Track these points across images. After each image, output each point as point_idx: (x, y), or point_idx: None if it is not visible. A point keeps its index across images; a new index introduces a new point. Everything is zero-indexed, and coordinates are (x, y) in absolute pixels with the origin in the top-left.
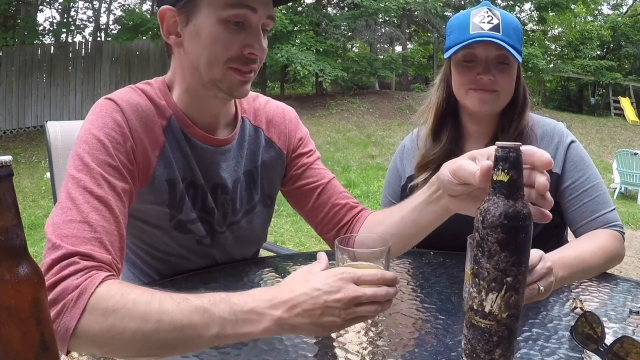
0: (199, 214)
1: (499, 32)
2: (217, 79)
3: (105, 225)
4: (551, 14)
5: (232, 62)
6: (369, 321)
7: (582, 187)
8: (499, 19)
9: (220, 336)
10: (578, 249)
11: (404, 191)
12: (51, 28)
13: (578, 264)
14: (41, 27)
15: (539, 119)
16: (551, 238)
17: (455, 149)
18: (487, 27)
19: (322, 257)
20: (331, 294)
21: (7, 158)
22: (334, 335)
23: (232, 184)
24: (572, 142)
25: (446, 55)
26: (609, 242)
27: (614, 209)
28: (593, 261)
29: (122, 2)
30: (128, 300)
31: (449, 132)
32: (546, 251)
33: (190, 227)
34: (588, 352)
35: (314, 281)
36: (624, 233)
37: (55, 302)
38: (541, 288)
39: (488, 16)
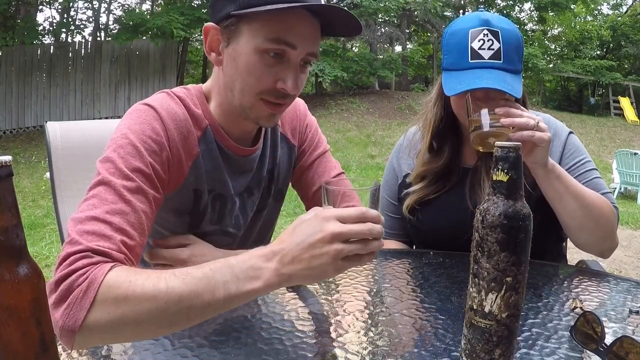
0: (225, 229)
1: (500, 60)
2: (247, 106)
3: (127, 229)
4: (551, 13)
5: (264, 94)
6: (369, 321)
7: (579, 171)
8: (499, 42)
9: (227, 299)
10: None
11: (401, 190)
12: (51, 28)
13: (570, 178)
14: (41, 27)
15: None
16: (551, 233)
17: (456, 158)
18: (487, 54)
19: (314, 208)
20: (314, 235)
21: (7, 158)
22: (333, 335)
23: (257, 186)
24: (571, 132)
25: (447, 92)
26: (605, 201)
27: (610, 192)
28: (586, 192)
29: (122, 2)
30: (137, 285)
31: (450, 146)
32: (546, 249)
33: (207, 240)
34: (588, 352)
35: (299, 228)
36: (618, 217)
37: (64, 293)
38: (539, 122)
39: (488, 40)
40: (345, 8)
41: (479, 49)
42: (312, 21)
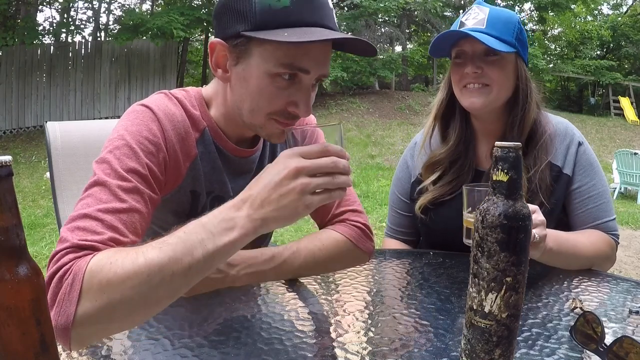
0: None
1: (483, 26)
2: (257, 125)
3: (119, 227)
4: (551, 14)
5: (275, 114)
6: (369, 321)
7: (588, 193)
8: (485, 14)
9: (207, 257)
10: (572, 235)
11: (414, 189)
12: (51, 28)
13: (568, 245)
14: (41, 27)
15: (550, 117)
16: None
17: (465, 149)
18: (471, 22)
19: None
20: (278, 173)
21: (7, 158)
22: (333, 335)
23: None
24: (580, 144)
25: (431, 54)
26: (602, 242)
27: (614, 218)
28: (583, 249)
29: (122, 2)
30: (117, 266)
31: (457, 132)
32: None
33: None
34: (588, 352)
35: (264, 172)
36: (618, 243)
37: (54, 291)
38: (536, 236)
39: (475, 12)
40: (345, 8)
41: (465, 20)
42: (326, 44)
